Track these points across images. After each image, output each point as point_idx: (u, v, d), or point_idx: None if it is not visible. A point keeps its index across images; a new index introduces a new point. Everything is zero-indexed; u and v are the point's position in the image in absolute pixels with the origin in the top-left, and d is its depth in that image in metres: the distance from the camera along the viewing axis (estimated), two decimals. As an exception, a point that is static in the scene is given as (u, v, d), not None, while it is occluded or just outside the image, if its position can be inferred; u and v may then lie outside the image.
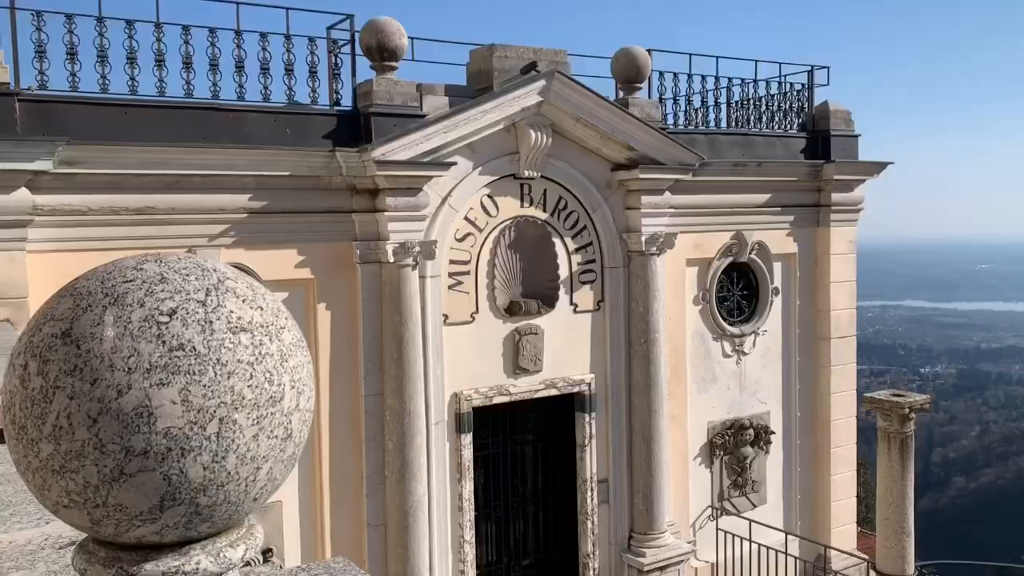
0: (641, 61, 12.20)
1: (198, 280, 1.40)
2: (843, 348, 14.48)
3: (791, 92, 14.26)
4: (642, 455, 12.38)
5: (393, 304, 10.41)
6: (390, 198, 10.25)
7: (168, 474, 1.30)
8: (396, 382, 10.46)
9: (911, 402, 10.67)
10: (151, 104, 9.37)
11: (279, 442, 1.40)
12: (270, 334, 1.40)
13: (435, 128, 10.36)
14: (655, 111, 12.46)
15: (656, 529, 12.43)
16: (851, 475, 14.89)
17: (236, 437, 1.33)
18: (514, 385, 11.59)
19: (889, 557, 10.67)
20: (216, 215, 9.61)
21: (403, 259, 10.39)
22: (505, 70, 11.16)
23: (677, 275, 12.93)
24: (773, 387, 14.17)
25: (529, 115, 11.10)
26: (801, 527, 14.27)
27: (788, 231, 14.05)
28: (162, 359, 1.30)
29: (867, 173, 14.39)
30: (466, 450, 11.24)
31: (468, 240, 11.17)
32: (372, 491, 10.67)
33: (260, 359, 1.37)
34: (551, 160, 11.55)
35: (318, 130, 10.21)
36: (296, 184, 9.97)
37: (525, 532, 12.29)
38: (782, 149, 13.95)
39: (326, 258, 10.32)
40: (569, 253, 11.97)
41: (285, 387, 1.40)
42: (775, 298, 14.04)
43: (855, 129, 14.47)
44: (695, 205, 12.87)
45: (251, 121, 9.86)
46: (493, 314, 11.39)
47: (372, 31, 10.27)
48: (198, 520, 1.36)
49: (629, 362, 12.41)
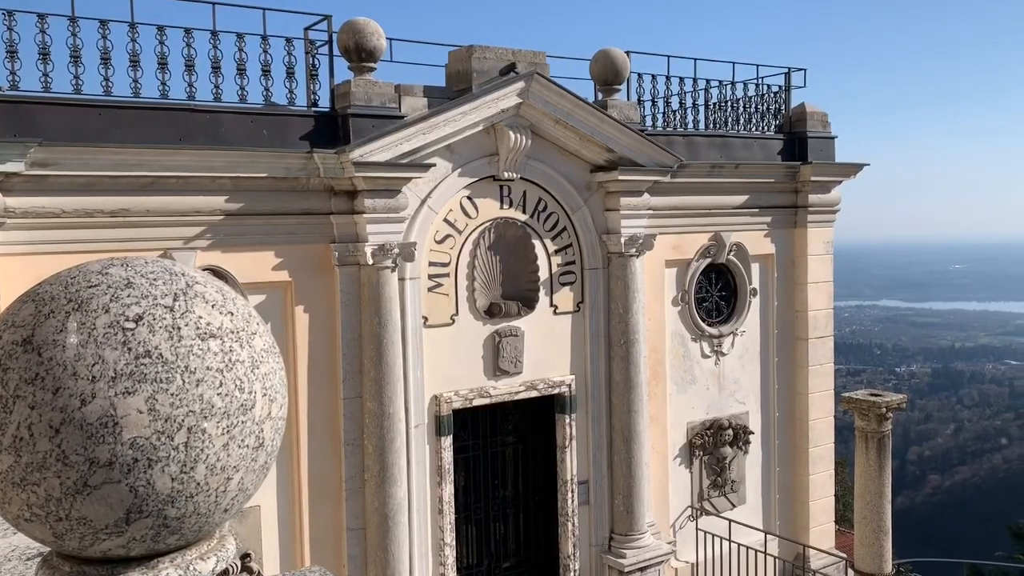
0: (619, 63, 12.23)
1: (166, 285, 1.35)
2: (820, 348, 14.58)
3: (768, 94, 14.34)
4: (622, 456, 12.39)
5: (372, 306, 10.35)
6: (369, 200, 10.19)
7: (135, 486, 1.25)
8: (375, 385, 10.40)
9: (888, 402, 10.75)
10: (126, 105, 9.25)
11: (250, 451, 1.36)
12: (241, 340, 1.37)
13: (414, 129, 10.31)
14: (633, 113, 12.49)
15: (636, 530, 12.45)
16: (829, 474, 15.00)
17: (205, 447, 1.29)
18: (494, 387, 11.56)
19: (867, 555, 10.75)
20: (192, 217, 9.50)
21: (382, 261, 10.33)
22: (484, 71, 11.13)
23: (656, 276, 12.96)
24: (751, 387, 14.24)
25: (508, 116, 11.08)
26: (780, 526, 14.35)
27: (766, 232, 14.13)
28: (128, 367, 1.25)
29: (843, 174, 14.50)
30: (446, 453, 11.19)
31: (448, 242, 11.13)
32: (351, 494, 10.59)
33: (230, 366, 1.33)
34: (531, 162, 11.54)
35: (295, 131, 10.13)
36: (273, 186, 9.89)
37: (505, 534, 12.27)
38: (759, 151, 14.03)
39: (304, 260, 10.23)
40: (549, 255, 11.96)
41: (256, 395, 1.36)
42: (753, 299, 14.11)
43: (831, 131, 14.58)
44: (674, 206, 12.91)
45: (228, 122, 9.76)
46: (473, 316, 11.36)
47: (350, 32, 10.20)
48: (166, 532, 1.32)
49: (609, 363, 12.42)
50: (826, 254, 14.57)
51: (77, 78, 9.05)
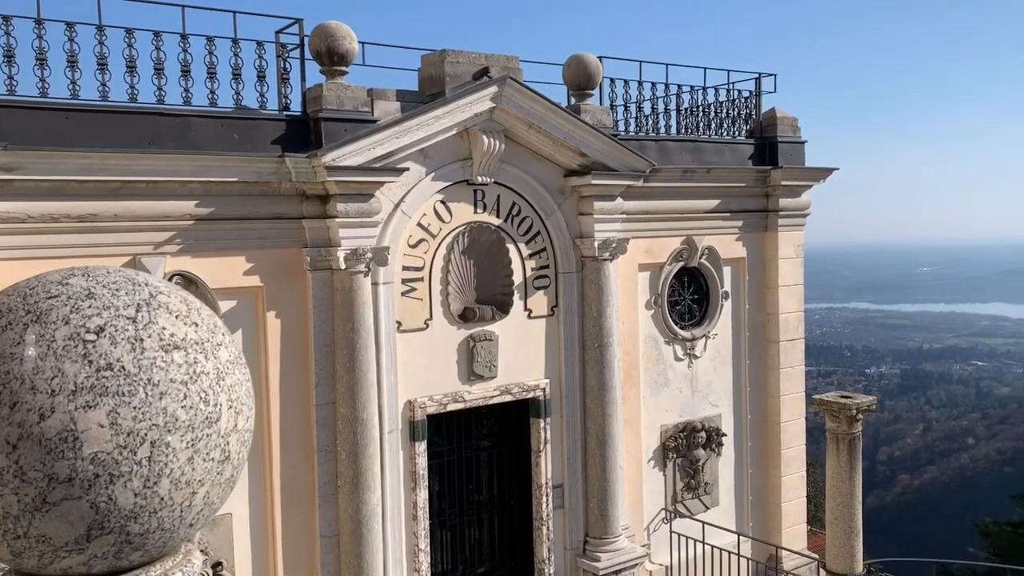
0: (592, 68, 12.27)
1: (128, 295, 1.32)
2: (791, 350, 14.71)
3: (739, 99, 14.47)
4: (596, 459, 12.41)
5: (345, 311, 10.28)
6: (341, 204, 10.13)
7: (96, 502, 1.22)
8: (348, 391, 10.33)
9: (858, 403, 10.87)
10: (93, 108, 9.11)
11: (216, 465, 1.32)
12: (206, 351, 1.33)
13: (387, 133, 10.27)
14: (606, 118, 12.54)
15: (611, 533, 12.47)
16: (801, 476, 15.14)
17: (169, 461, 1.26)
18: (469, 392, 11.53)
19: (839, 556, 10.86)
20: (161, 222, 9.38)
21: (355, 266, 10.27)
22: (457, 75, 11.12)
23: (630, 280, 13.01)
24: (724, 389, 14.34)
25: (482, 121, 11.07)
26: (753, 528, 14.46)
27: (737, 236, 14.24)
28: (89, 380, 1.22)
29: (813, 179, 14.66)
30: (420, 458, 11.14)
31: (421, 246, 11.09)
32: (324, 501, 10.51)
33: (195, 378, 1.30)
34: (504, 166, 11.54)
35: (267, 135, 10.05)
36: (244, 190, 9.79)
37: (480, 539, 12.23)
38: (731, 155, 14.15)
39: (275, 265, 10.14)
40: (523, 259, 11.96)
41: (222, 407, 1.33)
42: (725, 302, 14.22)
43: (801, 135, 14.75)
44: (646, 211, 12.97)
45: (197, 126, 9.66)
46: (447, 320, 11.33)
47: (322, 35, 10.14)
48: (129, 549, 1.28)
49: (583, 367, 12.45)
50: (796, 257, 14.72)
51: (43, 81, 8.90)
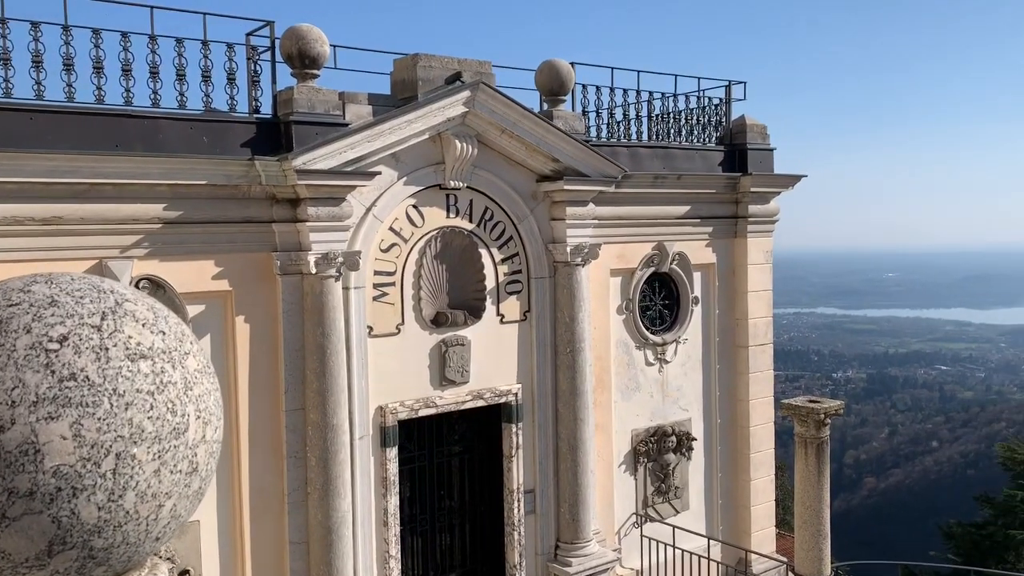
0: (564, 74, 12.31)
1: (93, 303, 1.28)
2: (760, 355, 14.85)
3: (709, 106, 14.60)
4: (568, 464, 12.42)
5: (315, 316, 10.20)
6: (312, 208, 10.05)
7: (58, 516, 1.18)
8: (319, 396, 10.24)
9: (826, 408, 11.01)
10: (59, 110, 8.96)
11: (183, 477, 1.29)
12: (173, 361, 1.30)
13: (358, 137, 10.21)
14: (578, 123, 12.58)
15: (582, 538, 12.49)
16: (770, 479, 15.27)
17: (135, 473, 1.22)
18: (440, 397, 11.49)
19: (807, 559, 10.97)
20: (129, 225, 9.24)
21: (326, 270, 10.19)
22: (429, 80, 11.09)
23: (601, 285, 13.06)
24: (694, 394, 14.43)
25: (454, 125, 11.06)
26: (723, 531, 14.55)
27: (707, 242, 14.35)
28: (51, 390, 1.18)
29: (782, 185, 14.83)
30: (391, 464, 11.08)
31: (393, 251, 11.04)
32: (294, 508, 10.40)
33: (162, 388, 1.27)
34: (477, 171, 11.53)
35: (236, 138, 9.94)
36: (213, 193, 9.68)
37: (452, 545, 12.18)
38: (701, 162, 14.26)
39: (245, 269, 10.04)
40: (495, 264, 11.96)
41: (190, 418, 1.30)
42: (695, 307, 14.32)
43: (770, 143, 14.91)
44: (618, 216, 13.04)
45: (166, 128, 9.53)
46: (419, 325, 11.28)
47: (293, 38, 10.07)
48: (92, 564, 1.25)
49: (555, 372, 12.46)
50: (765, 263, 14.87)
51: (7, 81, 8.74)
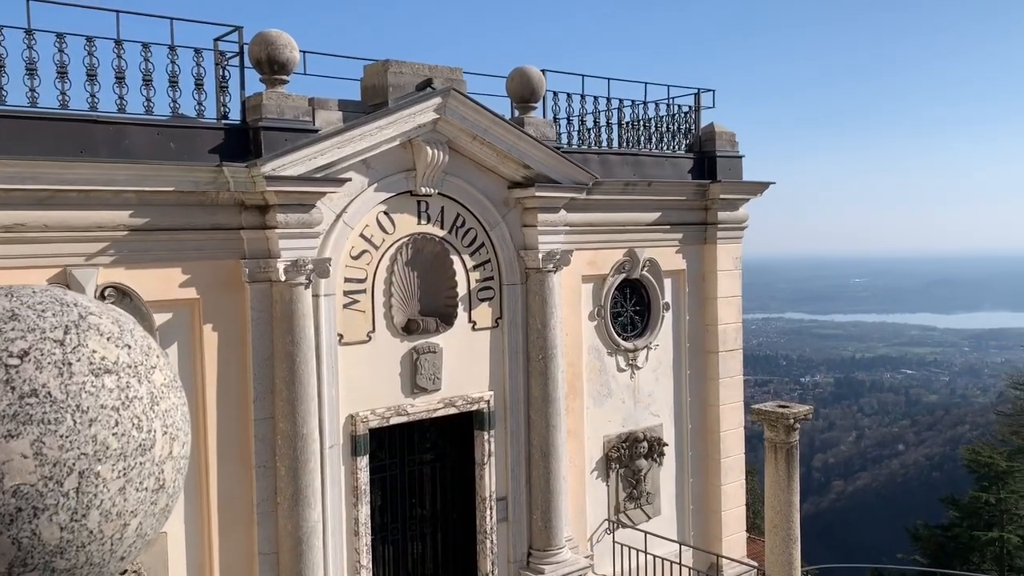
0: (535, 81, 12.34)
1: (56, 316, 1.25)
2: (730, 361, 14.97)
3: (679, 114, 14.72)
4: (540, 471, 12.41)
5: (285, 324, 10.10)
6: (281, 215, 9.96)
7: (18, 537, 1.14)
8: (288, 405, 10.13)
9: (795, 413, 11.10)
10: (22, 115, 8.80)
11: (150, 494, 1.26)
12: (139, 375, 1.27)
13: (328, 143, 10.15)
14: (550, 130, 12.61)
15: (554, 545, 12.48)
16: (740, 484, 15.38)
17: (99, 492, 1.19)
18: (412, 405, 11.42)
19: (777, 564, 11.05)
20: (94, 232, 9.09)
21: (295, 277, 10.10)
22: (400, 86, 11.06)
23: (573, 292, 13.08)
24: (665, 400, 14.50)
25: (425, 132, 11.03)
26: (694, 537, 14.62)
27: (677, 248, 14.45)
28: (11, 407, 1.15)
29: (751, 192, 14.98)
30: (362, 473, 10.99)
31: (364, 257, 10.97)
32: (263, 518, 10.27)
33: (127, 403, 1.24)
34: (448, 177, 11.50)
35: (204, 144, 9.83)
36: (181, 200, 9.56)
37: (423, 553, 12.11)
38: (671, 169, 14.37)
39: (213, 277, 9.91)
40: (467, 270, 11.93)
41: (156, 433, 1.27)
42: (666, 313, 14.40)
43: (739, 150, 15.06)
44: (589, 223, 13.08)
45: (132, 134, 9.40)
46: (390, 333, 11.22)
47: (262, 44, 9.98)
48: (55, 586, 1.22)
49: (527, 378, 12.45)
50: (735, 269, 15.00)
51: (-33, 85, 8.56)
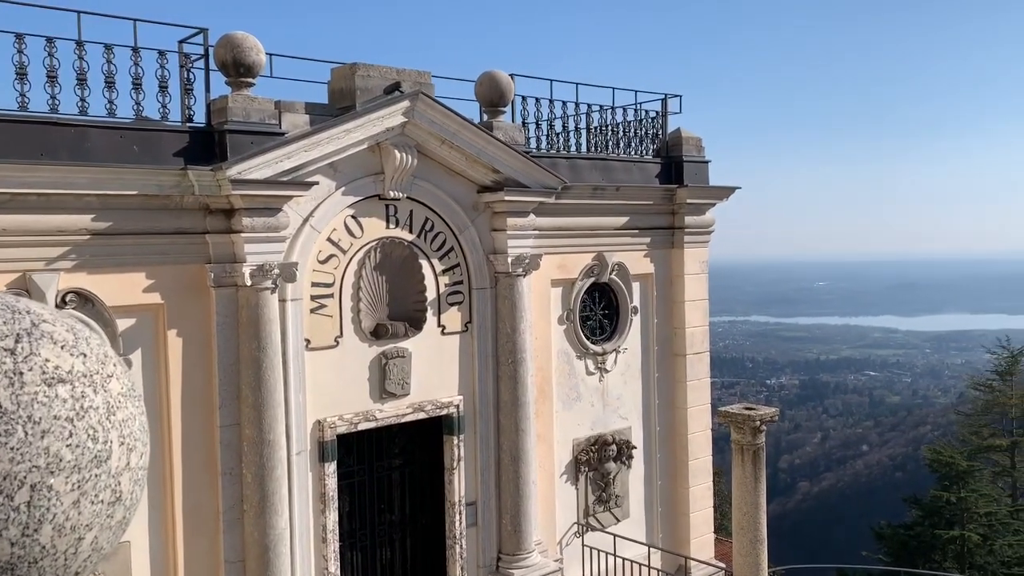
0: (504, 85, 12.35)
1: (7, 324, 1.21)
2: (697, 364, 15.09)
3: (647, 119, 14.82)
4: (510, 475, 12.40)
5: (251, 329, 9.98)
6: (247, 218, 9.85)
7: (-34, 553, 1.12)
8: (255, 411, 10.01)
9: (762, 415, 11.21)
10: (-22, 116, 8.60)
11: (106, 507, 1.23)
12: (95, 384, 1.24)
13: (295, 146, 10.06)
14: (518, 135, 12.63)
15: (524, 549, 12.47)
16: (708, 486, 15.50)
17: (52, 506, 1.16)
18: (380, 410, 11.35)
19: (745, 565, 11.14)
20: (54, 236, 8.91)
21: (261, 282, 9.99)
22: (368, 89, 11.00)
23: (543, 296, 13.10)
24: (634, 403, 14.57)
25: (394, 135, 10.98)
26: (662, 539, 14.70)
27: (645, 252, 14.54)
28: (-41, 420, 1.12)
29: (717, 197, 15.12)
30: (330, 479, 10.89)
31: (331, 262, 10.89)
32: (229, 526, 10.14)
33: (82, 414, 1.20)
34: (417, 181, 11.46)
35: (169, 147, 9.70)
36: (144, 204, 9.41)
37: (392, 559, 12.03)
38: (639, 174, 14.46)
39: (177, 282, 9.77)
40: (436, 275, 11.89)
41: (112, 444, 1.24)
42: (634, 317, 14.47)
43: (706, 155, 15.20)
44: (558, 227, 13.11)
45: (94, 136, 9.24)
46: (358, 338, 11.14)
47: (227, 46, 9.87)
48: (5, 603, 1.18)
49: (497, 382, 12.44)
50: (702, 273, 15.13)
51: (-79, 86, 8.36)
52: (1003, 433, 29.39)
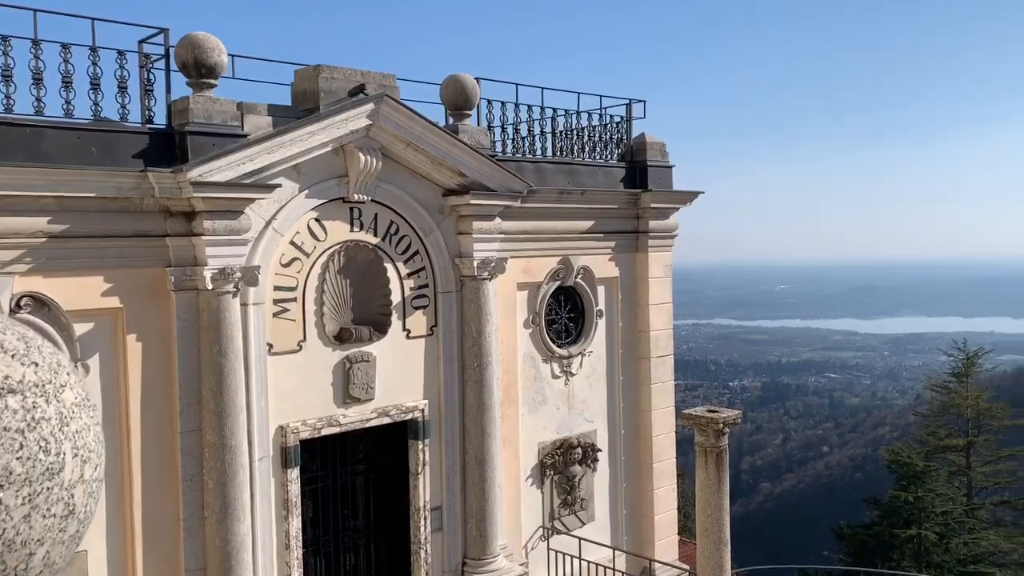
0: (469, 88, 12.34)
1: (-45, 334, 1.18)
2: (661, 367, 15.20)
3: (611, 124, 14.91)
4: (475, 479, 12.37)
5: (212, 334, 9.83)
6: (208, 221, 9.71)
7: (-90, 571, 1.08)
8: (216, 417, 9.87)
9: (724, 417, 11.31)
10: (-72, 115, 8.38)
11: (58, 521, 1.20)
12: (47, 394, 1.21)
13: (258, 148, 9.94)
14: (484, 138, 12.62)
15: (489, 553, 12.44)
16: (672, 488, 15.61)
17: (2, 521, 1.12)
18: (344, 415, 11.25)
19: (708, 566, 11.23)
20: (9, 239, 8.70)
21: (223, 286, 9.85)
22: (332, 91, 10.92)
23: (508, 299, 13.10)
24: (599, 406, 14.63)
25: (358, 138, 10.91)
26: (627, 541, 14.77)
27: (610, 256, 14.62)
28: (-97, 432, 1.08)
29: (680, 201, 15.26)
30: (293, 485, 10.76)
31: (294, 265, 10.77)
32: (190, 534, 9.97)
33: (33, 425, 1.17)
34: (382, 184, 11.39)
35: (128, 149, 9.53)
36: (102, 206, 9.23)
37: (356, 565, 11.92)
38: (604, 178, 14.53)
39: (136, 285, 9.59)
40: (401, 278, 11.83)
41: (66, 456, 1.20)
42: (599, 320, 14.54)
43: (670, 160, 15.33)
44: (524, 231, 13.13)
45: (51, 137, 9.04)
46: (322, 342, 11.03)
47: (189, 47, 9.73)
48: (-48, 621, 1.14)
49: (463, 386, 12.40)
50: (665, 277, 15.25)
51: None
52: (959, 433, 30.02)
